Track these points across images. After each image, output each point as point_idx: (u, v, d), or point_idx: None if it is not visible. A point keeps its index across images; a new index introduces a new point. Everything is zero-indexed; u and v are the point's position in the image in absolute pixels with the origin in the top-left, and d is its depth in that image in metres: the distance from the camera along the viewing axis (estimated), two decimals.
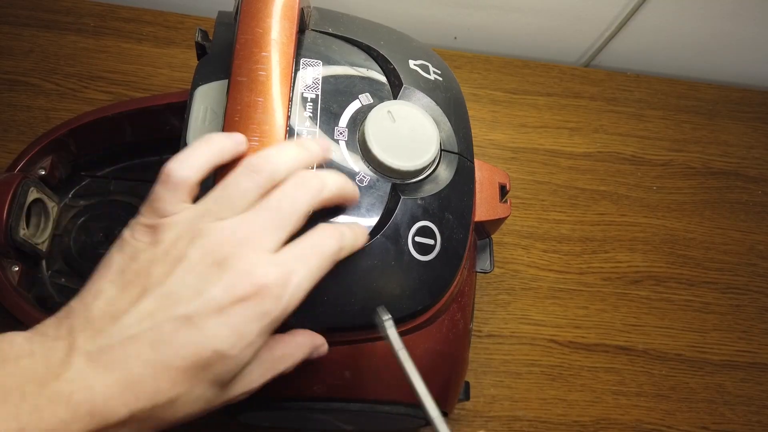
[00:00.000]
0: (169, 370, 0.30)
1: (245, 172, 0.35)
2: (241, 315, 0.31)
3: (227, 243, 0.33)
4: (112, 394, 0.29)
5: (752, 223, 0.83)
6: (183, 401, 0.31)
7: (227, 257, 0.32)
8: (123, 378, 0.30)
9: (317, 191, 0.36)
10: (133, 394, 0.30)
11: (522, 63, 0.90)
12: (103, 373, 0.30)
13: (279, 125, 0.39)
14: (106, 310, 0.32)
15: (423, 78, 0.50)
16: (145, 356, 0.30)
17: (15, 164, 0.62)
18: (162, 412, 0.31)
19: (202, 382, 0.32)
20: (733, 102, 0.92)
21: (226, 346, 0.31)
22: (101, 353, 0.30)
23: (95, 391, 0.29)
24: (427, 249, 0.44)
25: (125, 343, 0.30)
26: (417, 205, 0.44)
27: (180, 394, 0.31)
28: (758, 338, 0.76)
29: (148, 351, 0.30)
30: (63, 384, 0.29)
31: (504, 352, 0.71)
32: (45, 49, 0.79)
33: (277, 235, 0.34)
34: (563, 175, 0.83)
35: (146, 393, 0.30)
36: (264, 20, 0.42)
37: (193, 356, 0.31)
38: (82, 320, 0.32)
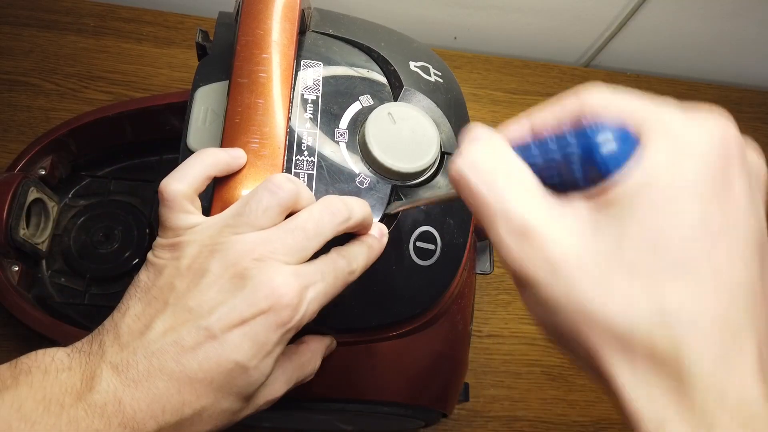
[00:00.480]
0: (193, 383, 0.31)
1: (268, 188, 0.35)
2: (261, 326, 0.32)
3: (248, 256, 0.33)
4: (140, 407, 0.30)
5: None
6: (209, 414, 0.32)
7: (248, 269, 0.33)
8: (149, 392, 0.31)
9: (343, 219, 0.36)
10: (160, 408, 0.31)
11: (522, 63, 0.90)
12: (130, 387, 0.30)
13: (279, 127, 0.39)
14: (132, 326, 0.33)
15: (423, 80, 0.50)
16: (169, 370, 0.31)
17: (15, 164, 0.62)
18: (189, 426, 0.32)
19: (226, 394, 0.32)
20: (732, 102, 0.92)
21: (246, 357, 0.32)
22: (128, 368, 0.31)
23: (124, 404, 0.30)
24: (427, 254, 0.44)
25: (150, 357, 0.31)
26: (419, 209, 0.44)
27: (205, 407, 0.32)
28: None
29: (172, 365, 0.31)
30: (96, 396, 0.30)
31: (504, 352, 0.71)
32: (45, 49, 0.79)
33: (298, 255, 0.34)
34: None
35: (172, 406, 0.31)
36: (265, 22, 0.42)
37: (215, 368, 0.31)
38: (111, 336, 0.33)
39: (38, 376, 0.30)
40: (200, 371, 0.31)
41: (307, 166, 0.42)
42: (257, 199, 0.35)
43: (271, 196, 0.35)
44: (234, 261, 0.33)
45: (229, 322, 0.32)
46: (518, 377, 0.71)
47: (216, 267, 0.33)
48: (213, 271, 0.33)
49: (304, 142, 0.43)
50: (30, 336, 0.64)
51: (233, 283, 0.32)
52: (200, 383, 0.31)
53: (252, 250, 0.33)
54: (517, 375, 0.71)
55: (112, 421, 0.30)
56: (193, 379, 0.31)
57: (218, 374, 0.31)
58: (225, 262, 0.33)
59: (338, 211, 0.36)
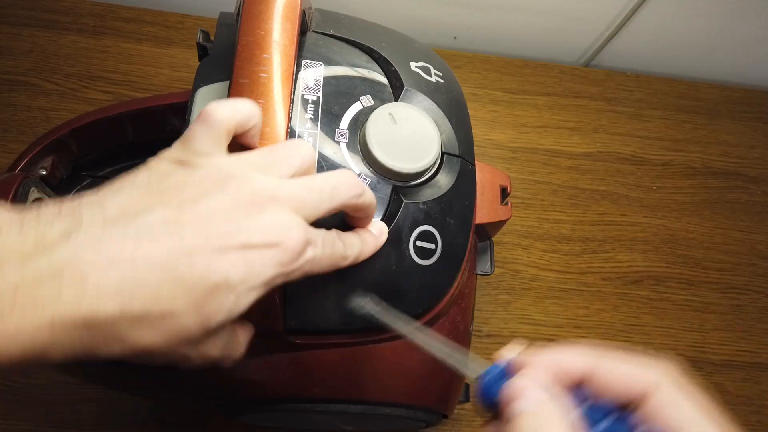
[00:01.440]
0: (175, 282, 0.29)
1: (296, 145, 0.36)
2: (262, 257, 0.31)
3: (265, 194, 0.32)
4: (107, 284, 0.27)
5: (752, 222, 0.83)
6: (169, 323, 0.29)
7: (265, 203, 0.32)
8: (125, 271, 0.28)
9: (357, 194, 0.36)
10: (130, 293, 0.28)
11: (522, 63, 0.90)
12: (105, 261, 0.27)
13: (280, 127, 0.39)
14: (125, 205, 0.30)
15: (424, 80, 0.50)
16: (157, 259, 0.28)
17: (16, 164, 0.62)
18: (146, 326, 0.29)
19: (198, 310, 0.30)
20: (733, 102, 0.92)
21: (237, 280, 0.30)
22: (110, 240, 0.28)
23: (89, 277, 0.27)
24: (427, 253, 0.44)
25: (141, 240, 0.29)
26: (419, 209, 0.44)
27: (172, 312, 0.29)
28: (758, 338, 0.76)
29: (164, 257, 0.29)
30: (55, 260, 0.27)
31: None
32: (45, 49, 0.79)
33: (309, 212, 0.34)
34: (563, 175, 0.83)
35: (144, 296, 0.28)
36: (266, 22, 0.42)
37: (204, 277, 0.29)
38: (95, 208, 0.29)
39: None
40: (189, 273, 0.29)
41: None
42: (284, 151, 0.35)
43: (297, 154, 0.35)
44: (251, 192, 0.32)
45: (235, 241, 0.30)
46: None
47: (232, 189, 0.32)
48: (228, 192, 0.31)
49: None
50: None
51: (247, 209, 0.31)
52: (183, 285, 0.29)
53: (270, 189, 0.33)
54: None
55: (65, 292, 0.26)
56: (177, 278, 0.29)
57: (203, 284, 0.29)
58: (242, 190, 0.32)
59: (355, 184, 0.36)
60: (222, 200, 0.31)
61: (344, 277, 0.41)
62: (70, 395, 0.63)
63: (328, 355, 0.44)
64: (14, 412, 0.62)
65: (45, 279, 0.26)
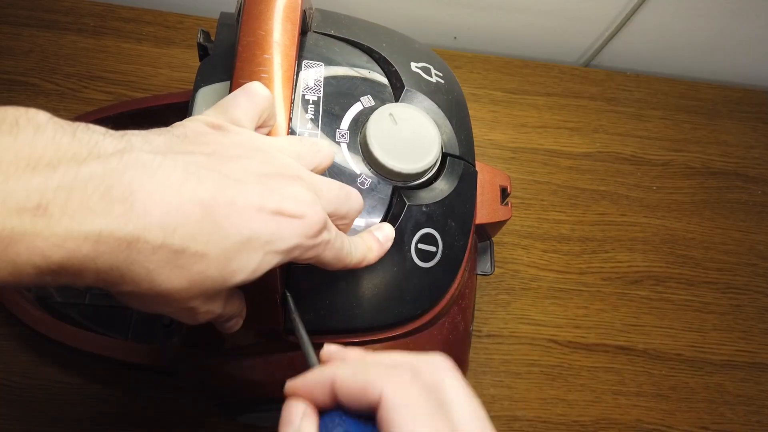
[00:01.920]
0: (213, 226, 0.29)
1: (322, 144, 0.38)
2: (289, 225, 0.31)
3: (294, 171, 0.33)
4: (153, 211, 0.27)
5: (752, 222, 0.83)
6: (199, 268, 0.29)
7: (294, 179, 0.33)
8: (171, 203, 0.27)
9: (359, 210, 0.38)
10: (173, 224, 0.27)
11: (522, 63, 0.90)
12: (154, 187, 0.27)
13: (281, 127, 0.39)
14: (171, 145, 0.30)
15: (425, 80, 0.50)
16: (203, 202, 0.28)
17: None
18: (177, 270, 0.28)
19: (226, 260, 0.30)
20: (732, 102, 0.92)
21: (264, 240, 0.30)
22: (160, 168, 0.28)
23: (138, 199, 0.26)
24: (428, 256, 0.44)
25: (189, 177, 0.28)
26: (422, 212, 0.44)
27: (205, 255, 0.29)
28: (758, 338, 0.76)
29: (208, 200, 0.29)
30: (109, 171, 0.26)
31: (504, 352, 0.71)
32: (45, 49, 0.79)
33: (325, 204, 0.34)
34: (563, 175, 0.83)
35: (184, 232, 0.28)
36: (266, 22, 0.42)
37: (240, 229, 0.29)
38: (141, 139, 0.29)
39: (28, 132, 0.25)
40: (227, 221, 0.29)
41: None
42: (311, 143, 0.37)
43: (320, 147, 0.37)
44: (281, 165, 0.33)
45: (270, 203, 0.31)
46: (518, 377, 0.71)
47: (265, 159, 0.32)
48: (262, 160, 0.32)
49: None
50: (31, 337, 0.64)
51: (279, 179, 0.32)
52: (219, 231, 0.29)
53: (296, 169, 0.34)
54: (517, 375, 0.71)
55: (115, 208, 0.26)
56: (216, 223, 0.29)
57: (237, 235, 0.29)
58: (274, 161, 0.33)
59: (361, 202, 0.38)
60: (258, 165, 0.32)
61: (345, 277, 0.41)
62: (70, 395, 0.64)
63: None
64: (14, 412, 0.62)
65: (99, 189, 0.25)
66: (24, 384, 0.63)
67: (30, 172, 0.24)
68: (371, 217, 0.43)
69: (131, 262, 0.27)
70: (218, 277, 0.30)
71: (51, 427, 0.62)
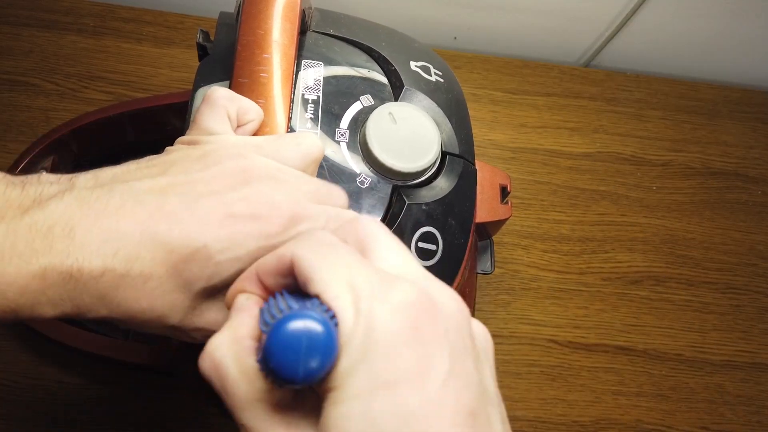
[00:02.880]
0: (154, 244, 0.29)
1: (303, 135, 0.37)
2: (244, 228, 0.31)
3: (262, 171, 0.33)
4: (92, 239, 0.28)
5: (752, 223, 0.83)
6: (152, 288, 0.30)
7: (255, 179, 0.32)
8: (108, 228, 0.29)
9: (344, 204, 0.37)
10: (113, 250, 0.29)
11: (522, 63, 0.90)
12: (90, 218, 0.29)
13: (280, 127, 0.39)
14: (118, 173, 0.32)
15: (424, 79, 0.50)
16: (140, 221, 0.29)
17: (17, 164, 0.62)
18: (129, 292, 0.29)
19: (176, 274, 0.30)
20: (732, 102, 0.92)
21: (217, 248, 0.30)
22: (97, 201, 0.29)
23: (75, 232, 0.28)
24: (429, 254, 0.44)
25: (126, 201, 0.30)
26: (422, 210, 0.44)
27: (152, 276, 0.30)
28: (758, 338, 0.76)
29: (145, 218, 0.29)
30: (46, 214, 0.28)
31: (504, 352, 0.71)
32: (45, 49, 0.79)
33: (302, 198, 0.34)
34: (563, 175, 0.83)
35: (125, 254, 0.29)
36: (265, 21, 0.42)
37: (184, 242, 0.30)
38: (89, 175, 0.31)
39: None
40: (168, 237, 0.29)
41: None
42: (291, 136, 0.36)
43: (301, 138, 0.36)
44: (243, 167, 0.33)
45: (218, 210, 0.31)
46: (518, 377, 0.71)
47: (230, 165, 0.32)
48: (226, 166, 0.32)
49: None
50: (30, 336, 0.64)
51: (235, 182, 0.32)
52: (162, 248, 0.29)
53: (265, 168, 0.33)
54: (517, 375, 0.71)
55: (56, 245, 0.28)
56: (157, 241, 0.29)
57: (181, 249, 0.30)
58: (236, 165, 0.33)
59: (346, 201, 0.37)
60: (216, 173, 0.32)
61: None
62: (70, 395, 0.63)
63: None
64: (15, 412, 0.62)
65: (40, 231, 0.28)
66: (24, 384, 0.63)
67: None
68: (371, 216, 0.43)
69: (81, 291, 0.29)
70: (176, 291, 0.30)
71: (51, 427, 0.62)
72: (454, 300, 0.27)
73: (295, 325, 0.24)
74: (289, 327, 0.24)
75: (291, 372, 0.24)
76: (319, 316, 0.24)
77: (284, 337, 0.24)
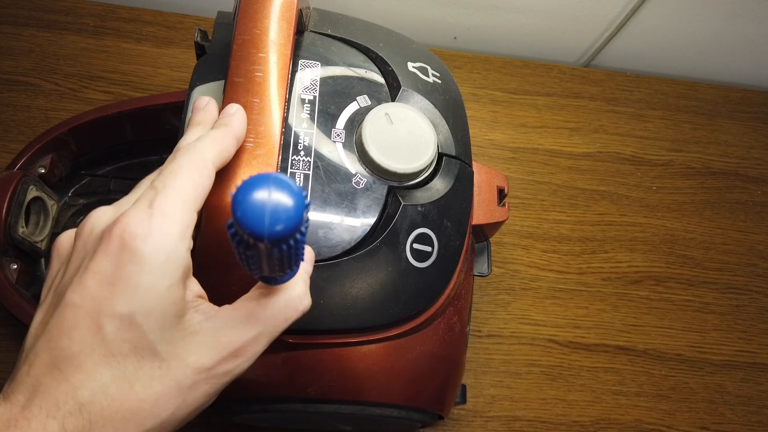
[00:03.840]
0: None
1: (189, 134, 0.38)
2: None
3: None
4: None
5: (752, 223, 0.83)
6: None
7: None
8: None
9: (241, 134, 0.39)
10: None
11: (522, 63, 0.90)
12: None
13: (275, 126, 0.39)
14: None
15: (422, 80, 0.50)
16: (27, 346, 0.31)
17: (15, 162, 0.62)
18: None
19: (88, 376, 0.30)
20: (733, 102, 0.92)
21: (101, 339, 0.31)
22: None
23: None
24: (424, 256, 0.44)
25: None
26: (417, 212, 0.44)
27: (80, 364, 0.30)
28: (758, 338, 0.76)
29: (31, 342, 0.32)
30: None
31: (504, 352, 0.71)
32: (45, 49, 0.79)
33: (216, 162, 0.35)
34: (563, 175, 0.83)
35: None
36: (262, 21, 0.42)
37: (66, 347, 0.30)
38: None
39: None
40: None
41: (304, 166, 0.42)
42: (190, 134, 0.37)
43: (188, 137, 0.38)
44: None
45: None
46: (518, 377, 0.70)
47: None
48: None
49: (300, 142, 0.43)
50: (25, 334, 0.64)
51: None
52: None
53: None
54: (517, 375, 0.71)
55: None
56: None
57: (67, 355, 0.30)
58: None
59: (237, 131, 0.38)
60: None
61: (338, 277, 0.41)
62: None
63: (321, 354, 0.44)
64: None
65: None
66: None
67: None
68: (366, 217, 0.43)
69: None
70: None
71: None
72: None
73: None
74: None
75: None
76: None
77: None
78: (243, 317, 0.32)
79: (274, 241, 0.24)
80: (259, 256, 0.26)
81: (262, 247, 0.25)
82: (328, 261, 0.41)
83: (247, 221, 0.24)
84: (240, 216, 0.24)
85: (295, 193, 0.24)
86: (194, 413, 0.32)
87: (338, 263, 0.41)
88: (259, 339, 0.33)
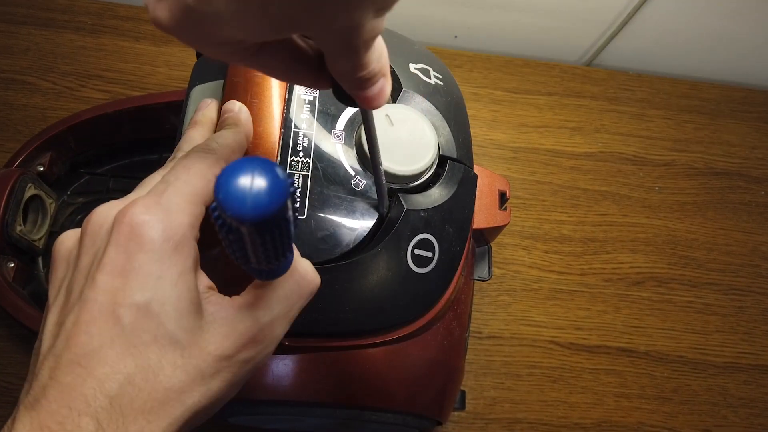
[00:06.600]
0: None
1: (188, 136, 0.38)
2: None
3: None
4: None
5: (755, 223, 0.83)
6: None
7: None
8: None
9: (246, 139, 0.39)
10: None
11: (523, 62, 0.90)
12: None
13: (274, 127, 0.39)
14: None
15: (423, 82, 0.49)
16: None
17: (13, 160, 0.62)
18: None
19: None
20: (735, 102, 0.91)
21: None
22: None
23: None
24: (424, 262, 0.43)
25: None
26: (420, 217, 0.43)
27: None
28: (761, 340, 0.76)
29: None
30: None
31: (505, 353, 0.71)
32: (42, 47, 0.79)
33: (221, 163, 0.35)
34: (564, 175, 0.82)
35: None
36: None
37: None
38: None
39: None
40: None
41: (302, 167, 0.42)
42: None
43: (187, 137, 0.38)
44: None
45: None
46: (519, 379, 0.70)
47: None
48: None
49: (299, 143, 0.42)
50: (27, 336, 0.64)
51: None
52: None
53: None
54: (518, 377, 0.70)
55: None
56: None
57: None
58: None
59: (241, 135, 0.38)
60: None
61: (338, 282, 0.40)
62: None
63: (318, 358, 0.44)
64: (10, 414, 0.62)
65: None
66: (20, 386, 0.63)
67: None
68: (365, 218, 0.42)
69: None
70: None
71: None
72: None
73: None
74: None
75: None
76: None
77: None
78: (255, 303, 0.32)
79: (257, 224, 0.24)
80: (242, 242, 0.26)
81: (245, 230, 0.24)
82: (325, 264, 0.40)
83: (228, 203, 0.23)
84: (222, 198, 0.23)
85: (280, 177, 0.24)
86: (218, 404, 0.32)
87: (337, 266, 0.41)
88: (275, 323, 0.33)
